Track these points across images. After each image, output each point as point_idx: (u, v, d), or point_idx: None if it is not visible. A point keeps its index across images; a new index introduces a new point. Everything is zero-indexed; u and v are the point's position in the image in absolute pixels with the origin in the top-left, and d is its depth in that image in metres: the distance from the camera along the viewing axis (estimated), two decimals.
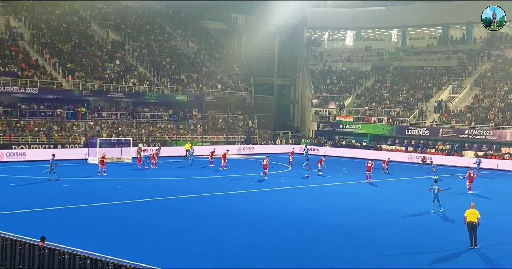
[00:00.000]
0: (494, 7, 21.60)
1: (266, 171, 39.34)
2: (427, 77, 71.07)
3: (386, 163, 46.09)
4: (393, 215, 27.40)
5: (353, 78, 76.32)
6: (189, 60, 70.81)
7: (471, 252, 20.18)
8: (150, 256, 18.24)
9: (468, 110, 60.85)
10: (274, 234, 22.38)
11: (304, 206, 27.98)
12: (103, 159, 39.50)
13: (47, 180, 34.00)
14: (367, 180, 39.28)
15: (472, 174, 36.02)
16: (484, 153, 55.47)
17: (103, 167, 38.71)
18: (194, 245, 20.19)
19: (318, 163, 43.27)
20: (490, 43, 72.97)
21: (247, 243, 20.74)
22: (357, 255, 19.68)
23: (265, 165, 39.49)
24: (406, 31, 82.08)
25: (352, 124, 65.30)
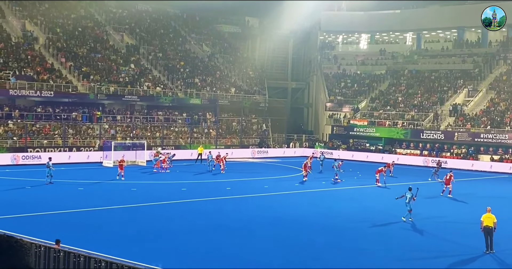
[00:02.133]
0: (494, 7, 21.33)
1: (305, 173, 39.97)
2: (442, 80, 70.68)
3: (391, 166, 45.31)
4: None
5: (367, 82, 76.11)
6: (203, 63, 70.97)
7: (487, 257, 20.00)
8: (165, 258, 18.25)
9: (483, 114, 60.42)
10: (295, 238, 22.31)
11: (317, 210, 27.86)
12: (121, 163, 38.87)
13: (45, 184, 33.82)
14: (377, 184, 39.23)
15: (449, 176, 34.69)
16: (500, 157, 55.03)
17: (121, 171, 38.15)
18: (213, 248, 20.16)
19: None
20: (506, 46, 72.41)
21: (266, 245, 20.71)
22: (371, 260, 19.56)
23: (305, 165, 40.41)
24: (421, 34, 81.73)
25: (367, 128, 65.04)
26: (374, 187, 39.07)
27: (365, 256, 19.94)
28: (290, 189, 36.31)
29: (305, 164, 40.61)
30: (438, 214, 29.17)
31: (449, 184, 34.41)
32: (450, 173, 35.25)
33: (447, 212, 29.72)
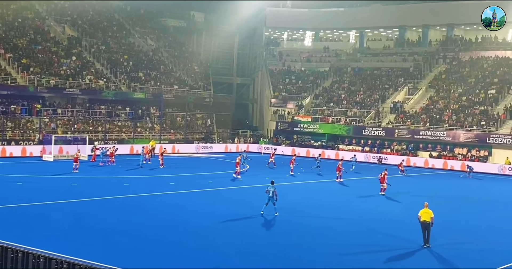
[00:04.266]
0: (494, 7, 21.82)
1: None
2: (383, 78, 72.12)
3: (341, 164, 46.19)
4: (351, 214, 27.75)
5: (311, 79, 76.95)
6: (147, 57, 70.23)
7: (425, 251, 20.57)
8: (106, 255, 18.03)
9: (423, 111, 61.96)
10: (231, 233, 22.38)
11: (261, 205, 27.99)
12: (77, 156, 39.56)
13: None
14: (337, 180, 39.74)
15: (383, 175, 34.62)
16: (438, 154, 56.61)
17: (77, 164, 38.57)
18: (151, 244, 20.02)
19: (290, 163, 43.84)
20: (445, 45, 74.45)
21: (204, 242, 20.69)
22: (312, 254, 19.81)
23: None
24: (363, 33, 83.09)
25: (310, 124, 65.81)
26: (318, 183, 39.60)
27: (306, 250, 20.18)
28: (234, 185, 36.38)
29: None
30: (378, 209, 29.83)
31: (383, 182, 34.31)
32: (384, 171, 35.13)
33: (385, 208, 30.40)
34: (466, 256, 20.30)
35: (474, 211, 31.03)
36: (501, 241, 23.22)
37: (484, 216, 29.42)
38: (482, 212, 30.96)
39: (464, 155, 55.16)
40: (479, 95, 61.67)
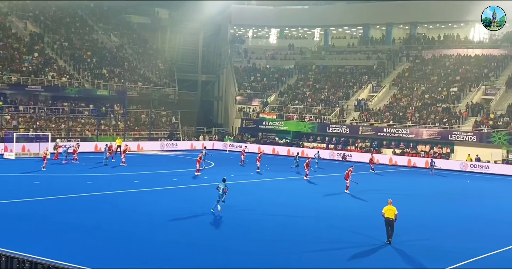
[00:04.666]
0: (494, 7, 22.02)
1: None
2: (348, 76, 72.67)
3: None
4: (315, 211, 27.89)
5: (276, 76, 77.11)
6: (111, 54, 69.41)
7: (388, 247, 20.78)
8: (71, 254, 17.76)
9: (386, 109, 62.64)
10: (196, 230, 22.29)
11: (226, 203, 27.95)
12: (45, 154, 39.46)
13: None
14: (305, 178, 39.74)
15: (348, 171, 34.29)
16: (401, 151, 57.31)
17: (45, 162, 38.65)
18: (116, 242, 19.82)
19: (257, 160, 43.83)
20: (408, 44, 75.42)
21: (170, 239, 20.56)
22: (274, 251, 19.85)
23: None
24: (328, 31, 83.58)
25: (275, 121, 65.97)
26: (282, 180, 39.71)
27: (268, 247, 20.21)
28: (199, 182, 36.24)
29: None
30: (342, 206, 30.08)
31: (347, 179, 34.12)
32: (350, 168, 34.89)
33: (349, 205, 30.64)
34: (428, 252, 20.54)
35: (438, 207, 31.47)
36: (464, 237, 23.62)
37: (447, 212, 29.87)
38: (445, 208, 31.43)
39: (426, 152, 55.95)
40: (442, 93, 62.62)
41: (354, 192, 33.43)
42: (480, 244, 22.08)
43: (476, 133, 53.99)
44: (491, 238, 23.37)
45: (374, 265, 18.85)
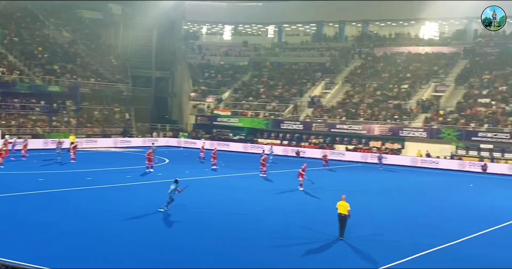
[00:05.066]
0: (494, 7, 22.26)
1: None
2: (301, 73, 73.24)
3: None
4: (268, 208, 28.09)
5: (231, 73, 77.14)
6: (63, 50, 68.21)
7: (341, 243, 21.09)
8: (23, 253, 17.48)
9: (339, 105, 63.42)
10: (149, 228, 22.20)
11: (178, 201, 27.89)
12: (1, 151, 38.93)
13: None
14: (262, 175, 39.70)
15: (302, 169, 34.31)
16: (354, 147, 58.14)
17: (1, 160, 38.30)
18: (70, 242, 19.59)
19: (212, 157, 43.66)
20: (360, 41, 76.48)
21: (125, 237, 20.45)
22: (227, 248, 19.95)
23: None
24: (282, 28, 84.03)
25: (230, 118, 66.05)
26: (238, 176, 39.81)
27: (221, 243, 20.32)
28: (153, 179, 36.04)
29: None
30: (296, 202, 30.35)
31: (300, 176, 34.03)
32: (303, 166, 34.67)
33: (303, 201, 30.94)
34: (380, 247, 20.94)
35: (389, 203, 32.06)
36: (414, 232, 24.15)
37: (398, 207, 30.49)
38: (396, 203, 32.06)
39: (378, 148, 56.89)
40: (393, 89, 63.74)
41: (307, 188, 33.73)
42: (430, 238, 22.60)
43: (426, 129, 55.19)
44: (441, 232, 23.95)
45: (327, 260, 19.12)
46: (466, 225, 25.67)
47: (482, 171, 49.35)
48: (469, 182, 43.25)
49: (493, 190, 39.56)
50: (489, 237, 23.77)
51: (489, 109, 56.02)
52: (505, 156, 51.61)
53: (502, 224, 26.34)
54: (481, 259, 19.96)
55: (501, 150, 51.84)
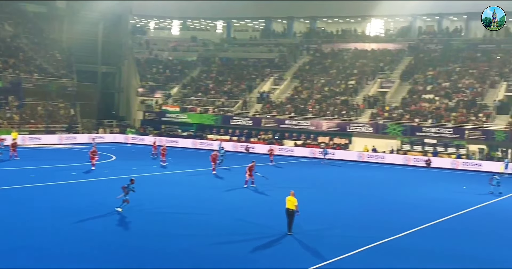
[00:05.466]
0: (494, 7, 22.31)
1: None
2: (250, 68, 73.26)
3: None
4: (218, 205, 27.97)
5: (179, 68, 76.54)
6: (4, 44, 66.25)
7: (289, 238, 21.15)
8: None
9: (288, 101, 63.72)
10: (95, 226, 21.80)
11: None
12: None
13: None
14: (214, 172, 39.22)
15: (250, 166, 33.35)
16: (302, 142, 58.52)
17: None
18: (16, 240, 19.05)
19: (161, 154, 43.12)
20: (308, 37, 77.01)
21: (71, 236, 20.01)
22: (176, 245, 19.78)
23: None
24: (231, 23, 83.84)
25: (178, 113, 65.56)
26: (185, 173, 39.53)
27: (170, 241, 20.13)
28: (99, 176, 35.43)
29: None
30: (244, 199, 30.34)
31: (250, 174, 33.30)
32: (252, 163, 34.14)
33: (252, 197, 30.95)
34: (328, 242, 21.12)
35: (336, 197, 32.38)
36: (361, 225, 24.45)
37: (346, 202, 30.80)
38: (344, 197, 32.37)
39: (326, 143, 57.41)
40: (340, 86, 64.43)
41: (256, 183, 33.64)
42: (376, 232, 22.91)
43: (372, 124, 56.01)
44: (386, 226, 24.31)
45: (274, 255, 19.12)
46: (410, 218, 26.13)
47: (426, 165, 50.44)
48: (413, 176, 44.12)
49: (436, 184, 40.42)
50: (432, 229, 24.26)
51: (433, 105, 57.26)
52: (448, 151, 52.90)
53: (446, 217, 26.93)
54: (424, 251, 20.31)
55: (444, 145, 53.08)
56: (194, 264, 17.69)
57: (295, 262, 18.19)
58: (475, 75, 60.76)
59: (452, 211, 28.38)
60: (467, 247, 21.39)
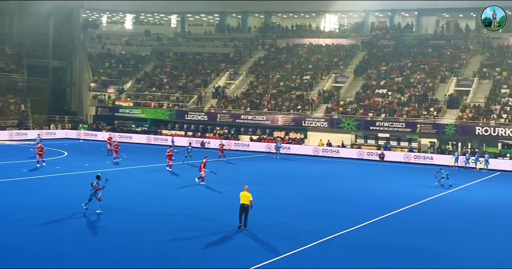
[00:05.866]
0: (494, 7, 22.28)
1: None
2: (205, 63, 72.89)
3: None
4: (171, 201, 27.75)
5: (132, 63, 75.60)
6: None
7: (242, 233, 21.05)
8: None
9: (243, 96, 63.65)
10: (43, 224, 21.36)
11: (78, 192, 26.95)
12: None
13: None
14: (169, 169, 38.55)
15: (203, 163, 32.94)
16: (258, 137, 58.58)
17: None
18: None
19: (114, 151, 42.44)
20: (263, 32, 77.04)
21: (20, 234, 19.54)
22: (128, 241, 19.55)
23: None
24: (185, 17, 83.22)
25: (132, 109, 64.78)
26: (137, 168, 39.08)
27: (122, 238, 19.91)
28: (51, 173, 34.71)
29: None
30: (198, 195, 30.17)
31: (202, 170, 32.82)
32: (204, 159, 33.59)
33: (205, 194, 30.76)
34: (282, 236, 21.15)
35: (291, 191, 32.42)
36: (316, 219, 24.60)
37: (301, 195, 30.92)
38: (299, 191, 32.46)
39: (282, 138, 57.60)
40: (295, 80, 64.70)
41: (210, 181, 33.18)
42: (330, 225, 23.10)
43: (327, 119, 56.42)
44: (341, 219, 24.55)
45: (229, 251, 19.05)
46: (364, 212, 26.41)
47: (380, 159, 51.13)
48: (367, 170, 44.65)
49: (390, 177, 41.01)
50: (385, 222, 24.59)
51: (386, 99, 58.05)
52: (401, 144, 53.73)
53: (398, 210, 27.34)
54: (378, 244, 20.55)
55: (397, 139, 53.88)
56: (145, 261, 17.43)
57: (249, 257, 18.09)
58: (426, 71, 61.84)
59: (404, 204, 28.82)
60: (419, 239, 21.73)
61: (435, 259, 19.00)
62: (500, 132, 49.91)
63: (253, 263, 17.34)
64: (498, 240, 22.46)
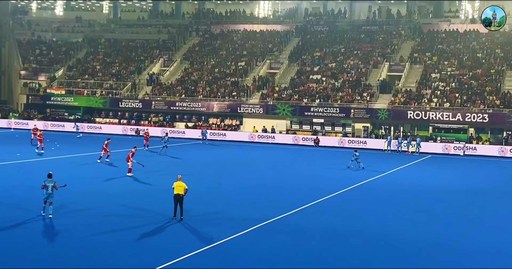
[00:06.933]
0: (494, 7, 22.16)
1: None
2: (139, 50, 71.87)
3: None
4: (100, 193, 27.30)
5: (64, 50, 73.76)
6: None
7: (177, 224, 20.90)
8: None
9: (178, 83, 63.18)
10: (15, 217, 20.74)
11: (18, 184, 26.23)
12: None
13: None
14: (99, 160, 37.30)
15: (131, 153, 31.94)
16: (194, 124, 58.37)
17: None
18: None
19: (38, 141, 41.15)
20: (197, 18, 76.50)
21: None
22: (62, 235, 19.25)
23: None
24: (117, 3, 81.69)
25: (64, 97, 63.38)
26: (76, 157, 38.29)
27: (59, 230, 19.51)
28: None
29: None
30: (131, 186, 29.81)
31: (129, 161, 31.66)
32: (133, 149, 32.60)
33: (139, 184, 30.37)
34: (217, 224, 21.19)
35: (226, 178, 32.42)
36: (251, 205, 24.79)
37: (236, 182, 31.05)
38: (234, 178, 32.57)
39: (218, 124, 57.59)
40: (230, 67, 64.66)
41: (141, 172, 32.09)
42: (265, 211, 23.30)
43: (262, 105, 56.73)
44: (276, 204, 24.81)
45: (164, 239, 18.95)
46: (298, 197, 26.76)
47: (315, 145, 51.87)
48: (302, 155, 45.22)
49: (324, 162, 41.63)
50: (321, 206, 25.03)
51: (320, 85, 58.79)
52: (335, 129, 54.64)
53: (332, 194, 27.85)
54: (313, 229, 20.88)
55: (332, 124, 54.77)
56: (78, 255, 17.13)
57: (184, 246, 18.01)
58: (360, 56, 62.91)
59: (337, 188, 29.37)
60: (355, 222, 22.23)
61: (371, 241, 19.47)
62: (431, 116, 51.46)
63: (187, 251, 17.35)
64: (429, 219, 23.22)
